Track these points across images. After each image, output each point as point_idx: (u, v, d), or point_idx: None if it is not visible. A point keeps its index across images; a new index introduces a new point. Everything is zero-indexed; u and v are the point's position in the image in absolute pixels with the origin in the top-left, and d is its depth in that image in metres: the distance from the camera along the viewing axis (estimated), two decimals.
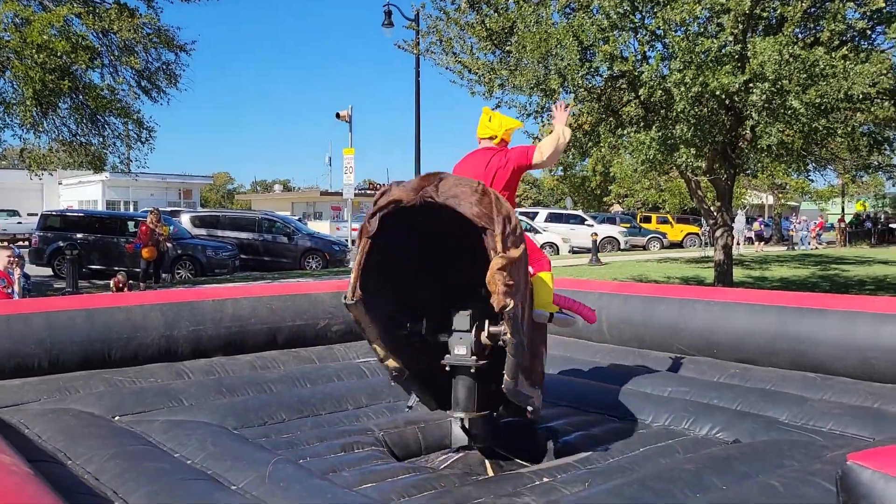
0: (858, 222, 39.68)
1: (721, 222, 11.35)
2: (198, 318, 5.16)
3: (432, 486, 3.29)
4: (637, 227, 34.37)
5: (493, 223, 3.05)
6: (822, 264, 21.74)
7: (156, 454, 3.37)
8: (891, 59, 8.85)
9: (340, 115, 25.08)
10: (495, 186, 3.69)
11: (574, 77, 9.46)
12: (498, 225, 3.05)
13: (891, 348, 4.37)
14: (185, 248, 17.59)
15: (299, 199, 57.69)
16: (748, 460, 3.36)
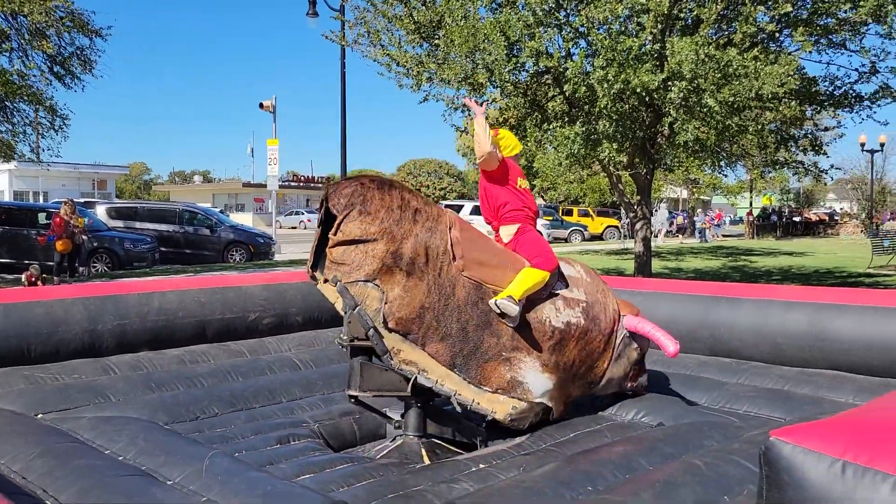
0: (765, 216, 41.61)
1: (641, 215, 11.75)
2: (122, 312, 5.02)
3: (370, 475, 3.33)
4: (559, 220, 35.09)
5: (338, 212, 3.63)
6: (733, 256, 22.75)
7: (85, 451, 3.28)
8: (797, 60, 9.35)
9: (264, 105, 24.66)
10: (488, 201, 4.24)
11: (501, 72, 9.61)
12: (339, 213, 3.62)
13: (798, 334, 4.65)
14: (102, 240, 16.96)
15: (221, 190, 56.42)
16: (672, 442, 3.54)
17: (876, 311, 4.38)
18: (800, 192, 51.50)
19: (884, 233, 19.94)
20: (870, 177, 41.14)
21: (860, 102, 10.22)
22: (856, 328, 4.36)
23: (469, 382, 3.72)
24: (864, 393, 4.06)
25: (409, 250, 3.64)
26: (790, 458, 1.77)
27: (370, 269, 3.57)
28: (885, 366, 4.24)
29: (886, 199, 48.32)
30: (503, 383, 3.77)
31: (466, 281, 3.73)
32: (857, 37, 9.61)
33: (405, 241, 3.63)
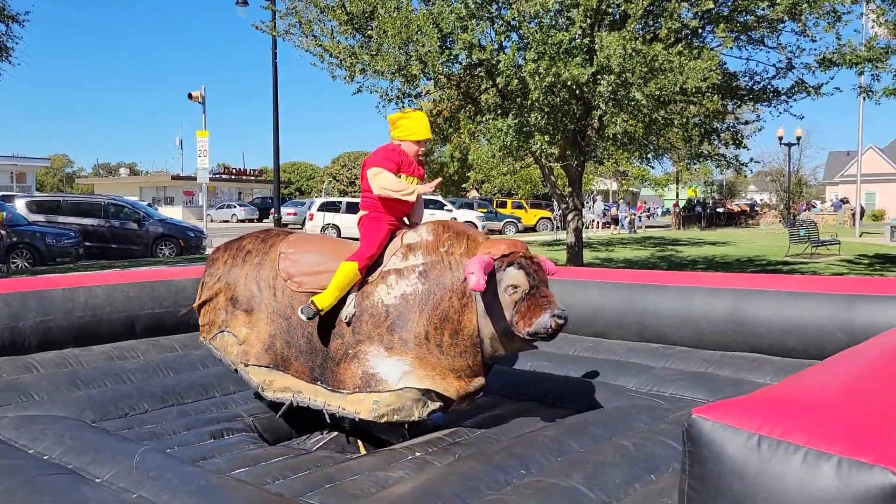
0: (690, 207, 42.93)
1: (572, 207, 11.97)
2: (46, 308, 4.85)
3: (307, 466, 3.33)
4: (494, 213, 35.41)
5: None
6: (660, 246, 23.41)
7: (7, 451, 3.17)
8: (719, 56, 9.68)
9: (193, 95, 24.08)
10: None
11: (434, 64, 9.64)
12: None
13: (720, 319, 4.84)
14: (22, 235, 16.25)
15: (148, 183, 54.83)
16: (602, 425, 3.64)
17: (792, 295, 4.59)
18: (723, 183, 53.32)
19: (800, 223, 20.84)
20: (787, 169, 42.88)
21: (777, 97, 10.64)
22: (774, 313, 4.57)
23: (332, 390, 3.72)
24: (781, 374, 4.25)
25: (242, 291, 4.01)
26: (710, 434, 1.86)
27: (220, 321, 4.09)
28: (801, 347, 4.45)
29: (803, 191, 50.49)
30: (357, 381, 3.64)
31: (301, 296, 3.81)
32: (774, 34, 10.02)
33: (237, 285, 4.03)
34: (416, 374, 3.57)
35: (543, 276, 3.57)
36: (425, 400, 3.62)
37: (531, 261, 3.55)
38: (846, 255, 17.86)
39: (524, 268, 3.47)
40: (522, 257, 3.52)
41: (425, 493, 2.82)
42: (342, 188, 53.90)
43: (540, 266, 3.59)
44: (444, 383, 3.59)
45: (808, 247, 17.82)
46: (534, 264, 3.55)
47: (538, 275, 3.52)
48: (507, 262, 3.48)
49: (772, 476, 1.76)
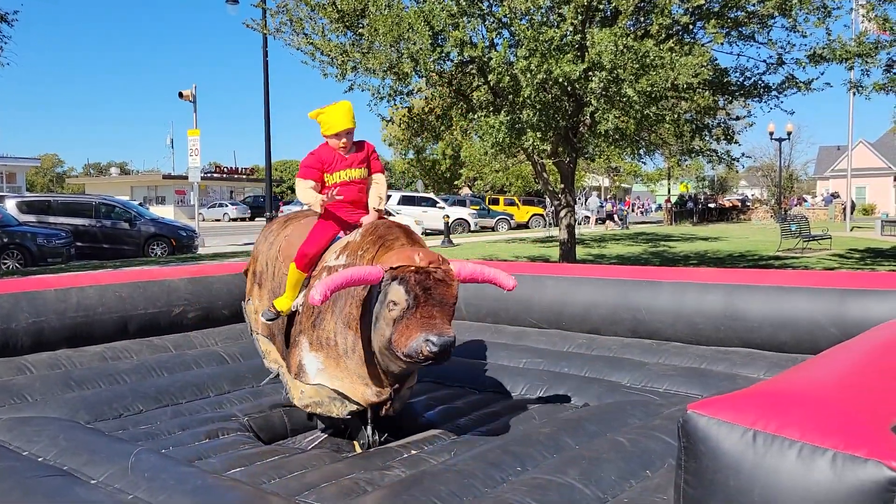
0: (682, 203, 43.06)
1: (565, 203, 11.99)
2: (39, 309, 4.83)
3: (302, 465, 3.33)
4: (486, 210, 35.43)
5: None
6: (653, 241, 23.47)
7: (2, 453, 3.16)
8: (710, 52, 9.71)
9: (183, 94, 23.99)
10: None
11: (426, 61, 9.63)
12: None
13: (713, 315, 4.86)
14: (13, 235, 16.17)
15: (139, 182, 54.66)
16: (597, 421, 3.66)
17: (784, 290, 4.61)
18: (714, 179, 53.48)
19: (791, 218, 20.93)
20: (778, 164, 43.05)
21: (768, 92, 10.67)
22: (766, 307, 4.59)
23: (287, 371, 3.89)
24: (775, 368, 4.27)
25: (259, 266, 4.30)
26: (706, 430, 1.87)
27: (247, 290, 4.45)
28: (793, 342, 4.47)
29: (794, 186, 50.69)
30: (295, 368, 3.73)
31: (283, 277, 3.95)
32: (764, 29, 10.04)
33: (258, 260, 4.32)
34: (327, 374, 3.58)
35: (441, 293, 3.19)
36: (342, 399, 3.58)
37: (426, 275, 3.17)
38: (837, 249, 17.95)
39: (406, 283, 3.14)
40: (414, 271, 3.17)
41: (421, 490, 2.82)
42: None
43: (440, 282, 3.19)
44: (352, 388, 3.53)
45: (800, 242, 17.90)
46: (428, 279, 3.17)
47: (431, 292, 3.16)
48: (392, 275, 3.19)
49: (767, 471, 1.77)
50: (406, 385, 3.74)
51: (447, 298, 3.21)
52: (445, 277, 3.23)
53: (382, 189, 3.94)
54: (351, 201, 3.81)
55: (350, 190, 3.81)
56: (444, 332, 3.10)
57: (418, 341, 3.08)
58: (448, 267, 3.29)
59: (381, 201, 3.89)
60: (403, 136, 12.38)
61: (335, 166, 3.79)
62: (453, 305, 3.25)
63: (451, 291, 3.24)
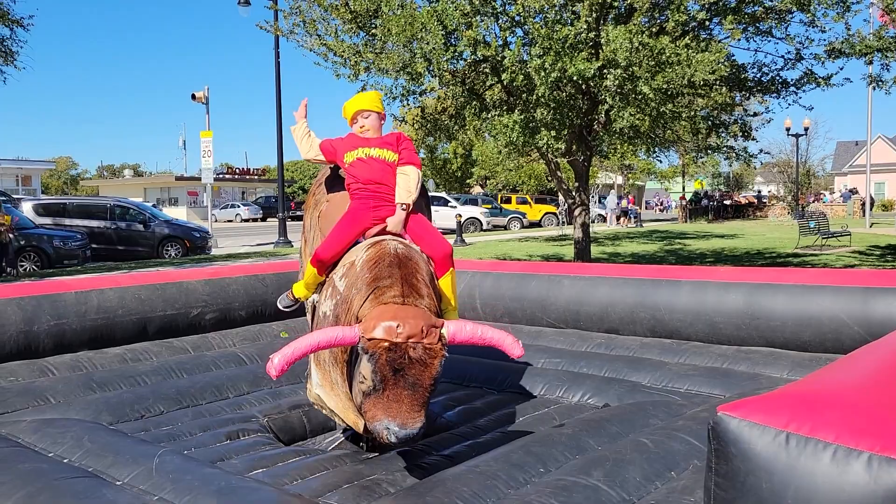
0: (697, 200, 42.82)
1: (579, 201, 11.95)
2: (60, 312, 4.86)
3: (323, 466, 3.33)
4: (498, 208, 35.39)
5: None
6: (667, 239, 23.36)
7: (28, 455, 3.18)
8: (727, 48, 9.63)
9: (196, 96, 24.11)
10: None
11: (439, 61, 9.62)
12: None
13: (734, 313, 4.82)
14: (30, 238, 16.32)
15: (152, 184, 55.00)
16: (618, 422, 3.63)
17: (806, 289, 4.57)
18: (730, 175, 53.15)
19: (809, 214, 20.76)
20: (795, 160, 42.73)
21: (786, 88, 10.59)
22: (788, 306, 4.55)
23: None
24: (798, 368, 4.24)
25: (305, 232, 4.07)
26: (737, 432, 1.84)
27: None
28: (817, 341, 4.43)
29: (811, 182, 50.29)
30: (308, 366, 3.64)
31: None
32: (782, 24, 9.97)
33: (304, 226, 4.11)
34: (324, 391, 3.44)
35: (415, 375, 2.81)
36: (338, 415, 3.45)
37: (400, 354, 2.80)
38: (857, 246, 17.79)
39: (375, 361, 2.80)
40: (387, 348, 2.80)
41: (444, 492, 2.81)
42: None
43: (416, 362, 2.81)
44: (345, 414, 3.36)
45: (818, 238, 17.75)
46: (402, 359, 2.80)
47: (402, 373, 2.80)
48: (363, 347, 2.84)
49: (801, 473, 1.75)
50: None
51: (422, 381, 2.83)
52: (424, 356, 2.82)
53: (412, 182, 3.47)
54: (369, 182, 3.44)
55: (369, 168, 3.45)
56: (407, 424, 2.78)
57: (380, 426, 2.80)
58: (432, 340, 2.85)
59: (409, 195, 3.45)
60: (416, 136, 12.38)
61: (351, 146, 3.54)
62: (429, 387, 2.87)
63: (427, 373, 2.83)
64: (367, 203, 3.43)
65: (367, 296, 3.06)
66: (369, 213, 3.43)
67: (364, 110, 3.56)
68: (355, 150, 3.50)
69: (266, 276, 6.17)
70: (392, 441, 2.79)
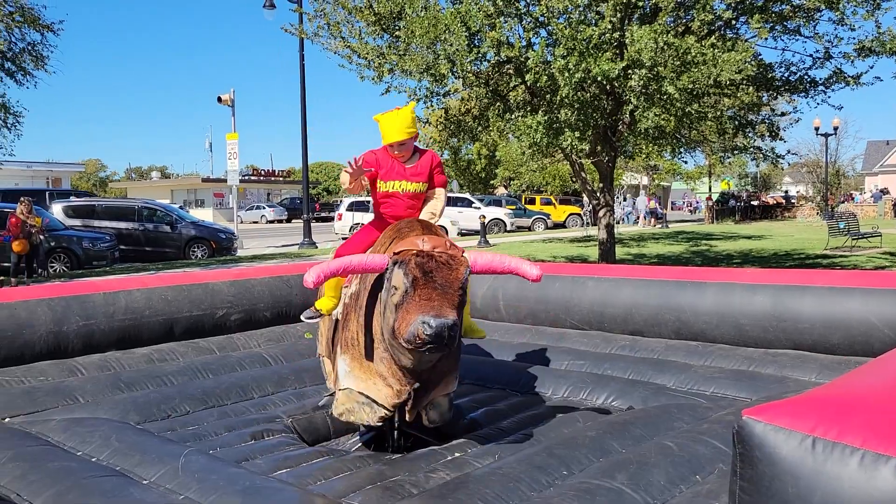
0: (724, 200, 42.34)
1: (604, 202, 11.88)
2: (89, 312, 4.94)
3: (347, 467, 3.34)
4: (522, 209, 35.29)
5: None
6: (693, 240, 23.13)
7: (58, 454, 3.24)
8: (754, 47, 9.53)
9: (222, 99, 24.35)
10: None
11: (462, 62, 9.63)
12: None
13: (761, 316, 4.77)
14: (60, 239, 16.59)
15: (179, 186, 55.60)
16: (643, 424, 3.60)
17: (835, 291, 4.50)
18: (757, 176, 52.51)
19: (839, 215, 20.45)
20: (824, 160, 42.11)
21: (815, 87, 10.45)
22: (817, 308, 4.48)
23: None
24: (826, 371, 4.18)
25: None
26: (762, 436, 1.82)
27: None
28: (845, 344, 4.36)
29: (841, 182, 49.51)
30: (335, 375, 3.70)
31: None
32: (810, 23, 9.82)
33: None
34: (353, 376, 3.48)
35: (444, 277, 3.01)
36: (370, 404, 3.44)
37: (427, 258, 3.02)
38: (888, 247, 17.48)
39: (405, 266, 3.00)
40: (415, 254, 3.04)
41: (467, 494, 2.81)
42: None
43: (443, 265, 3.03)
44: (375, 389, 3.41)
45: (848, 239, 17.48)
46: (430, 262, 3.01)
47: (431, 274, 2.99)
48: (394, 260, 3.09)
49: (828, 479, 1.72)
50: (440, 391, 3.53)
51: (451, 282, 3.01)
52: (450, 261, 3.05)
53: (438, 204, 3.74)
54: (396, 216, 3.69)
55: (398, 204, 3.71)
56: (441, 314, 2.90)
57: (415, 324, 2.90)
58: (456, 252, 3.12)
59: (433, 217, 3.68)
60: (440, 138, 12.40)
61: (390, 174, 3.69)
62: (459, 291, 3.03)
63: (455, 275, 3.03)
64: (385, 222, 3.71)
65: (391, 242, 3.30)
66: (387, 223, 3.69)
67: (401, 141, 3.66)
68: (390, 182, 3.69)
69: (290, 278, 6.21)
70: (428, 334, 2.85)
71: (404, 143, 3.66)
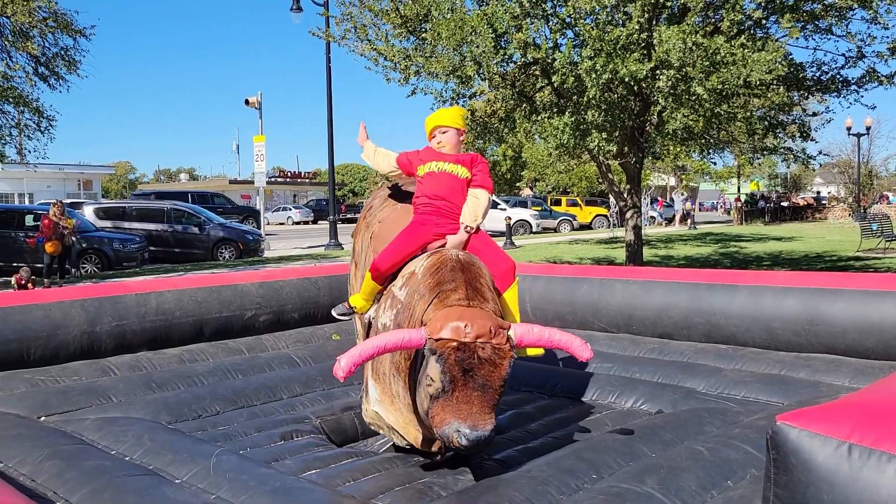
0: (753, 201, 41.81)
1: (631, 204, 11.80)
2: (121, 313, 5.02)
3: (376, 469, 3.36)
4: (548, 211, 35.15)
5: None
6: (722, 242, 22.88)
7: (92, 452, 3.29)
8: (785, 47, 9.40)
9: (249, 101, 24.56)
10: None
11: (489, 64, 9.63)
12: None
13: (793, 319, 4.70)
14: (91, 241, 16.87)
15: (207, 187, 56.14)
16: (672, 429, 3.57)
17: (869, 294, 4.43)
18: (787, 177, 51.80)
19: (872, 216, 20.10)
20: (856, 160, 41.41)
21: (847, 87, 10.29)
22: (850, 312, 4.41)
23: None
24: (860, 376, 4.11)
25: (356, 245, 4.08)
26: (797, 442, 1.80)
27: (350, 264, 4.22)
28: (880, 349, 4.29)
29: (873, 183, 48.64)
30: (364, 383, 3.62)
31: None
32: (843, 22, 9.67)
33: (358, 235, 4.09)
34: (383, 407, 3.40)
35: (486, 376, 2.77)
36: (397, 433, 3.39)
37: (469, 354, 2.76)
38: None
39: (444, 362, 2.76)
40: (455, 348, 2.76)
41: (495, 497, 2.81)
42: None
43: (486, 362, 2.77)
44: (405, 428, 3.31)
45: (882, 241, 17.17)
46: (472, 359, 2.76)
47: (472, 374, 2.76)
48: (432, 348, 2.81)
49: (865, 486, 1.70)
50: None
51: (492, 381, 2.78)
52: (493, 356, 2.78)
53: (480, 207, 3.44)
54: (435, 196, 3.42)
55: (437, 182, 3.44)
56: (478, 426, 2.72)
57: (449, 429, 2.74)
58: (501, 341, 2.80)
59: (474, 220, 3.42)
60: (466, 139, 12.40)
61: (431, 157, 3.54)
62: (499, 388, 2.82)
63: (497, 373, 2.79)
64: (429, 218, 3.41)
65: (431, 300, 3.02)
66: (431, 227, 3.40)
67: (442, 126, 3.54)
68: (428, 164, 3.50)
69: (318, 279, 6.26)
70: (463, 444, 2.72)
71: (447, 130, 3.54)
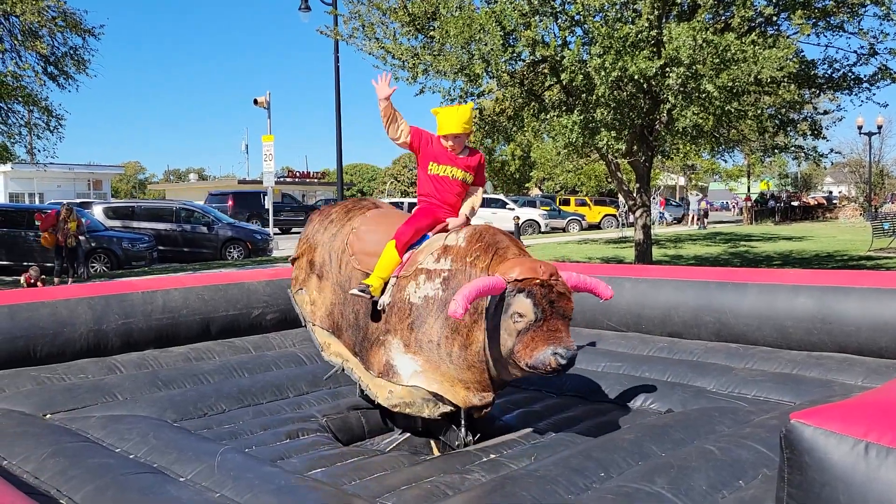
0: (763, 201, 41.55)
1: (640, 203, 11.73)
2: (127, 311, 5.01)
3: (382, 467, 3.33)
4: (557, 210, 35.02)
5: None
6: (732, 241, 22.75)
7: (97, 450, 3.27)
8: (796, 44, 9.32)
9: (258, 101, 24.57)
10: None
11: (497, 62, 9.58)
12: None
13: (805, 317, 4.64)
14: (100, 240, 16.91)
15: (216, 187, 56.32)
16: (682, 428, 3.53)
17: (882, 293, 4.37)
18: (798, 176, 51.49)
19: (883, 215, 19.94)
20: (868, 160, 41.12)
21: (859, 84, 10.19)
22: (863, 310, 4.36)
23: (366, 368, 3.82)
24: (873, 375, 4.05)
25: (318, 257, 4.16)
26: (811, 441, 1.76)
27: (301, 279, 4.28)
28: (894, 347, 4.23)
29: (885, 182, 48.28)
30: (381, 366, 3.68)
31: (358, 272, 3.87)
32: (855, 18, 9.57)
33: (317, 250, 4.18)
34: (425, 376, 3.55)
35: (563, 306, 3.28)
36: (435, 401, 3.56)
37: (549, 289, 3.24)
38: None
39: (534, 296, 3.21)
40: (539, 284, 3.23)
41: (503, 496, 2.77)
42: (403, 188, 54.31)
43: (562, 295, 3.28)
44: (452, 391, 3.54)
45: (893, 241, 17.03)
46: (552, 293, 3.24)
47: (555, 305, 3.23)
48: (518, 287, 3.24)
49: (881, 486, 1.66)
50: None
51: (568, 311, 3.31)
52: (566, 291, 3.31)
53: (477, 201, 3.95)
54: (444, 202, 3.81)
55: (448, 189, 3.80)
56: (570, 346, 3.18)
57: (545, 354, 3.15)
58: (563, 279, 3.34)
59: (472, 211, 3.90)
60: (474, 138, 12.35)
61: (443, 159, 3.80)
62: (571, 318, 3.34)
63: (571, 305, 3.32)
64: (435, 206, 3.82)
65: (491, 257, 3.46)
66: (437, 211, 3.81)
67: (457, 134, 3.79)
68: (442, 166, 3.80)
69: None
70: (562, 364, 3.13)
71: (459, 137, 3.80)
